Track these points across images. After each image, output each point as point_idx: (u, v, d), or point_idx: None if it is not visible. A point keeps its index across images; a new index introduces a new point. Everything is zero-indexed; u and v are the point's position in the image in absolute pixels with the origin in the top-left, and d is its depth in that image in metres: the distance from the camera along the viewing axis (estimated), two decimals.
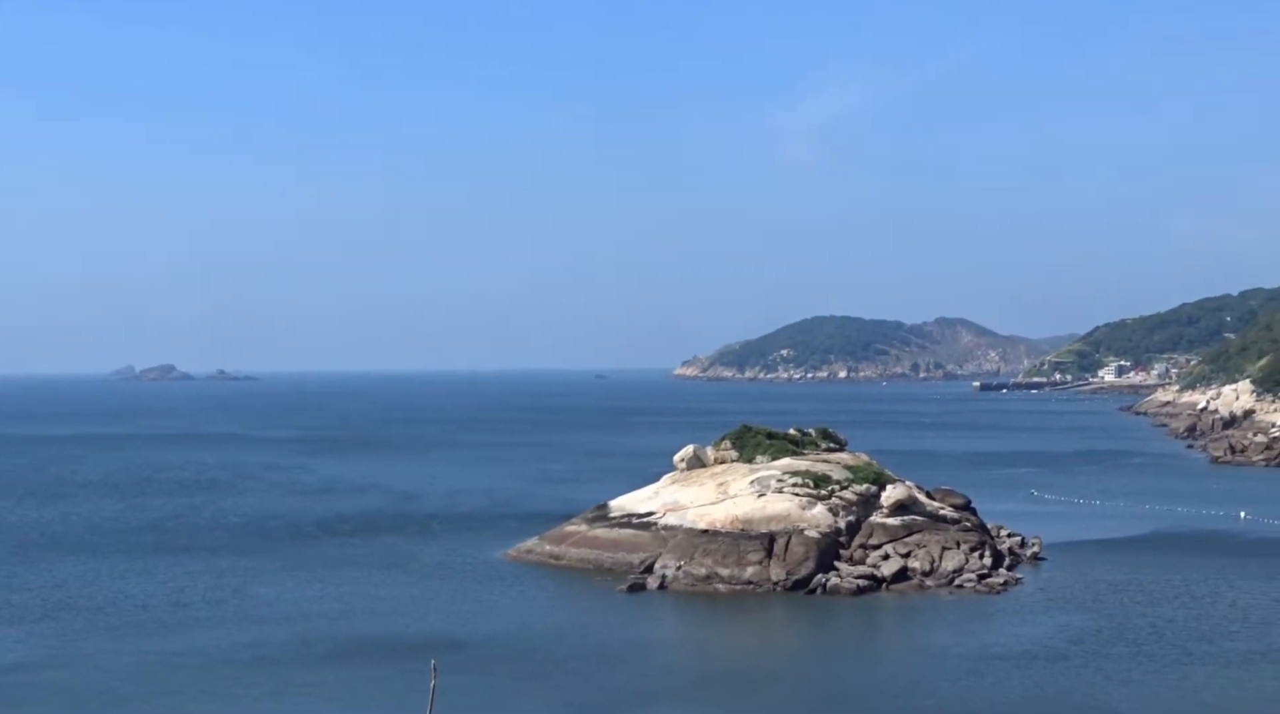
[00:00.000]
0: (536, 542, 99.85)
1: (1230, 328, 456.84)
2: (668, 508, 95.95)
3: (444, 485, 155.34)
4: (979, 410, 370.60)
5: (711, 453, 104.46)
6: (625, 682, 63.86)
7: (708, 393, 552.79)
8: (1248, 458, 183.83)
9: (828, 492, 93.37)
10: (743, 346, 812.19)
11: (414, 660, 64.12)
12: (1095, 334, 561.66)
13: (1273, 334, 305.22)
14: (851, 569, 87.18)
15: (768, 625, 79.99)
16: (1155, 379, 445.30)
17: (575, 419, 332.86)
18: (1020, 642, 70.76)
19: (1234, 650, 68.07)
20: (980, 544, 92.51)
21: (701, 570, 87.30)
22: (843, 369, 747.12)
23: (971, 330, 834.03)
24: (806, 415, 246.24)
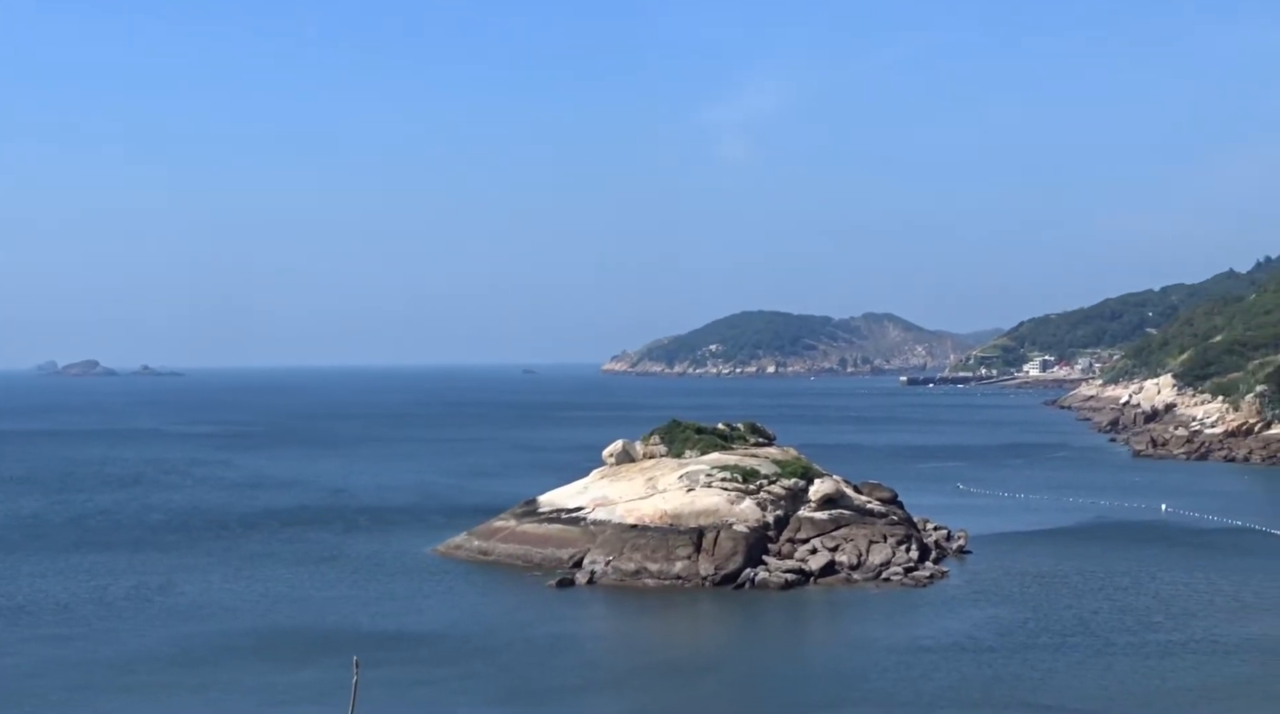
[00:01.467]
0: (465, 537, 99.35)
1: (1152, 323, 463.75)
2: (597, 503, 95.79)
3: (371, 481, 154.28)
4: (906, 405, 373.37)
5: (640, 448, 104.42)
6: (554, 676, 63.67)
7: (637, 388, 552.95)
8: (1169, 451, 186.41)
9: (756, 486, 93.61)
10: (672, 342, 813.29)
11: (340, 657, 63.32)
12: (1020, 329, 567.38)
13: (1193, 329, 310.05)
14: (780, 563, 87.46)
15: (696, 620, 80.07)
16: (1079, 373, 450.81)
17: (504, 414, 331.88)
18: (947, 634, 71.28)
19: (1156, 642, 68.96)
20: (907, 538, 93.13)
21: (630, 565, 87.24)
22: (771, 364, 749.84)
23: (899, 325, 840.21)
24: (735, 410, 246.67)
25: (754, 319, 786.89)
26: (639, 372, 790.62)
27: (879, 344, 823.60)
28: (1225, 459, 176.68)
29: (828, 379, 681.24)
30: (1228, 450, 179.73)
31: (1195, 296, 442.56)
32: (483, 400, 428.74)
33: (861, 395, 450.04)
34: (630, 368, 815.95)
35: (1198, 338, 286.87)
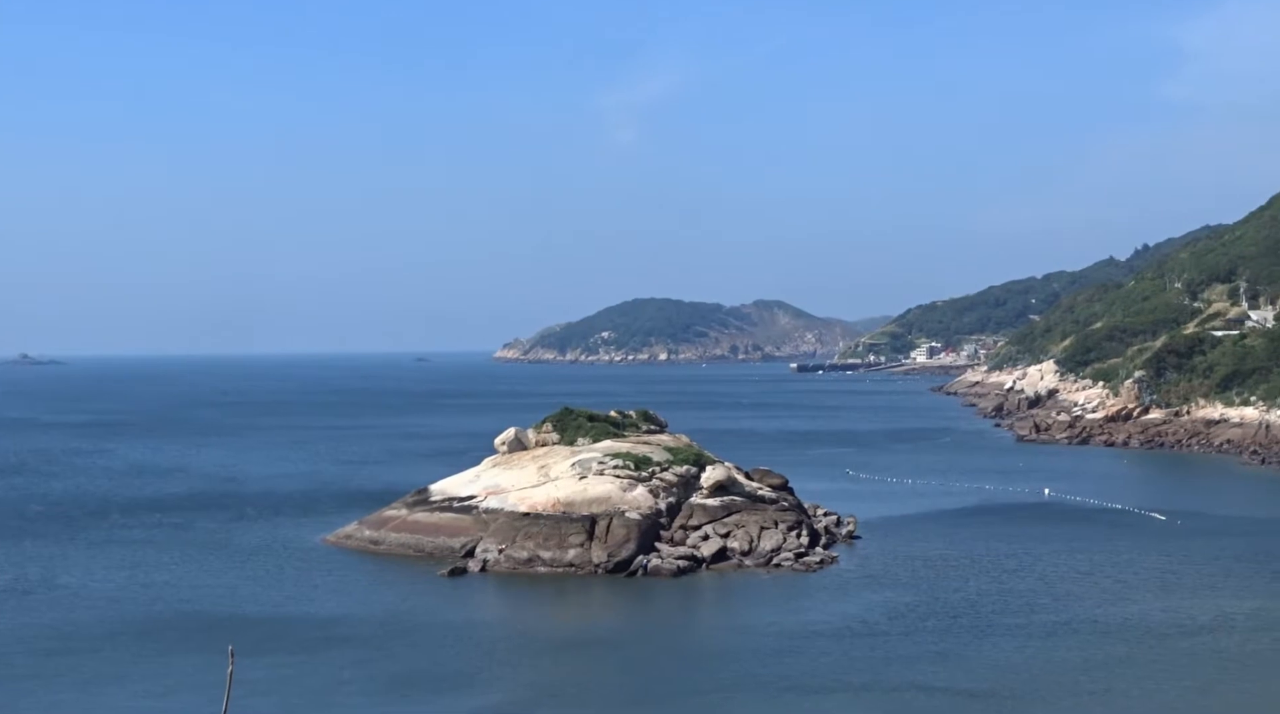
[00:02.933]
0: (356, 527, 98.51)
1: (1035, 310, 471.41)
2: (489, 491, 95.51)
3: (260, 469, 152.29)
4: (796, 391, 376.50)
5: (533, 435, 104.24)
6: (444, 663, 63.50)
7: (529, 375, 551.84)
8: (1051, 436, 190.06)
9: (648, 473, 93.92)
10: (564, 329, 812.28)
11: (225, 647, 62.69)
12: (908, 316, 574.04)
13: (1074, 316, 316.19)
14: (672, 550, 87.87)
15: (588, 607, 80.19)
16: (965, 360, 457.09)
17: (395, 402, 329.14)
18: (837, 618, 72.14)
19: (1041, 623, 70.39)
20: (797, 523, 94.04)
21: (523, 553, 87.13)
22: (663, 351, 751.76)
23: (789, 312, 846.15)
24: (627, 397, 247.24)
25: (646, 306, 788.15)
26: (531, 359, 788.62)
27: (770, 331, 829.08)
28: (1105, 443, 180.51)
29: (719, 366, 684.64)
30: (1108, 435, 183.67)
31: (1076, 284, 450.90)
32: (374, 388, 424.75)
33: (752, 382, 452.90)
34: (522, 356, 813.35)
35: (1079, 325, 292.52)
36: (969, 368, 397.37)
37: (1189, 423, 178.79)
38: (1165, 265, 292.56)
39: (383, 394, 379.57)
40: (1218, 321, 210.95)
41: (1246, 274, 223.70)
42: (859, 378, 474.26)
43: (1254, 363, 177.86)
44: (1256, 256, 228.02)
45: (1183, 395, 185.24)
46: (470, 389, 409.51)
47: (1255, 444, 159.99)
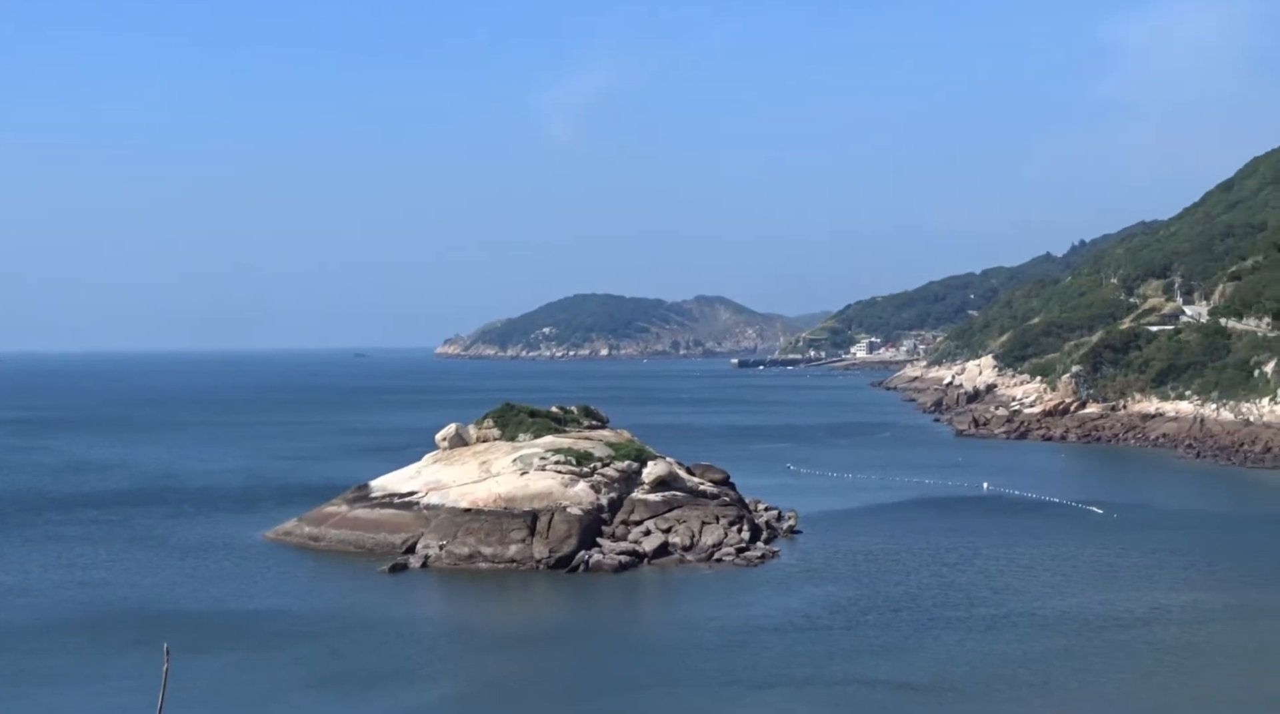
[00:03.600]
0: (296, 523, 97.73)
1: (974, 305, 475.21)
2: (430, 487, 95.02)
3: (198, 466, 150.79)
4: (737, 386, 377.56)
5: (474, 431, 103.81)
6: (384, 659, 63.12)
7: (470, 371, 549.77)
8: (990, 431, 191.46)
9: (590, 469, 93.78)
10: (505, 325, 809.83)
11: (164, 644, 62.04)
12: (848, 312, 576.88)
13: (1012, 311, 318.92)
14: (614, 545, 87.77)
15: (530, 602, 80.00)
16: (904, 355, 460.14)
17: (335, 398, 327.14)
18: (779, 612, 72.31)
19: (980, 616, 70.88)
20: (739, 518, 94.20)
21: (464, 549, 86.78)
22: (605, 347, 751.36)
23: (730, 308, 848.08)
24: (569, 393, 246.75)
25: (587, 302, 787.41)
26: (472, 355, 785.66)
27: (711, 327, 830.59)
28: (1043, 438, 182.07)
29: (660, 361, 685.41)
30: (1045, 429, 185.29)
31: (1014, 280, 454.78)
32: (314, 384, 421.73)
33: (693, 377, 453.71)
34: (463, 351, 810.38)
35: (1016, 320, 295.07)
36: (908, 363, 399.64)
37: (1125, 417, 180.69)
38: (1102, 261, 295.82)
39: (322, 390, 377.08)
40: (1153, 317, 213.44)
41: (1181, 270, 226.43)
42: (799, 373, 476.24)
43: (1188, 358, 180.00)
44: (1191, 253, 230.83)
45: (1119, 390, 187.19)
46: (411, 385, 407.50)
47: (1190, 438, 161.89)
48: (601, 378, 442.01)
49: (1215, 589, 77.06)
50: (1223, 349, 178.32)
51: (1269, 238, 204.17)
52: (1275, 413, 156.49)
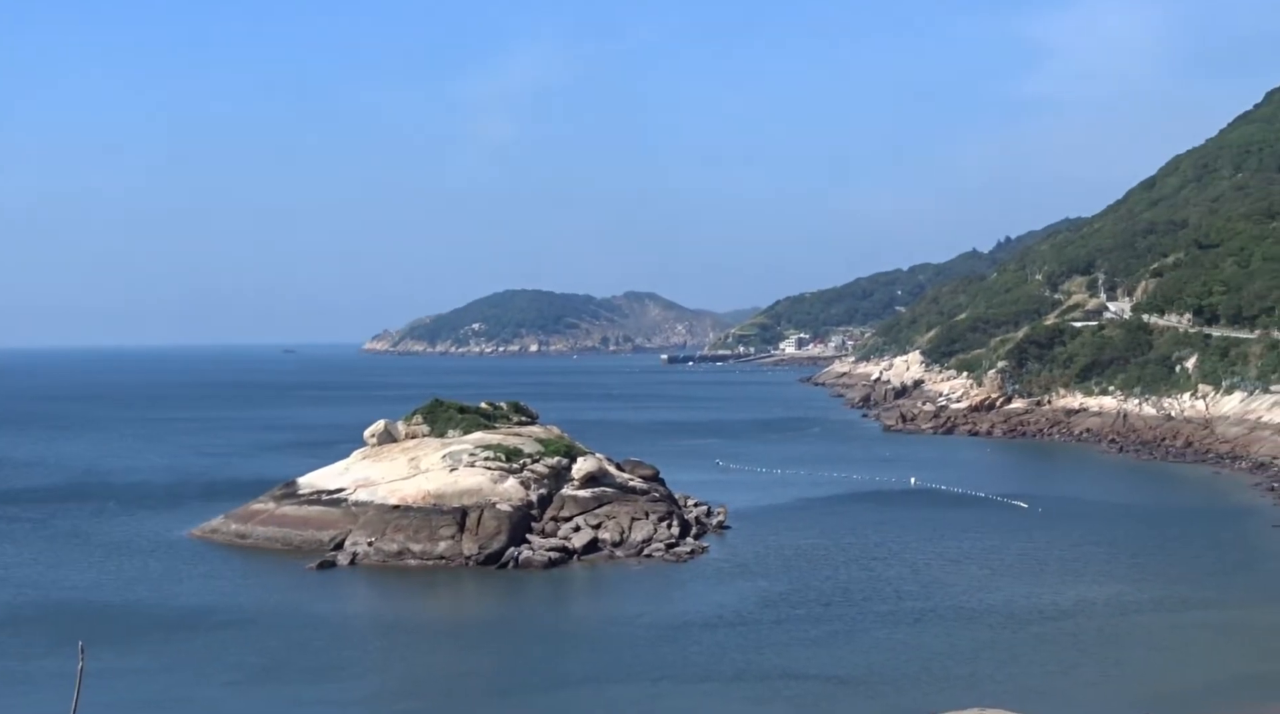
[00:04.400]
0: (222, 520, 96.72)
1: (901, 301, 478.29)
2: (358, 484, 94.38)
3: (123, 462, 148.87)
4: (666, 382, 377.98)
5: (403, 428, 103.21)
6: (310, 656, 62.71)
7: (399, 367, 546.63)
8: (917, 426, 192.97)
9: (519, 465, 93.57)
10: (434, 321, 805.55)
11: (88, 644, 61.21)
12: (777, 307, 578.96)
13: (939, 307, 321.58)
14: (543, 541, 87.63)
15: (459, 599, 79.72)
16: (833, 351, 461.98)
17: (263, 394, 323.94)
18: (709, 607, 72.47)
19: (909, 609, 71.45)
20: (668, 514, 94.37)
21: (393, 546, 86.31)
22: (534, 343, 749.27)
23: (660, 304, 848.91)
24: (498, 389, 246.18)
25: (517, 298, 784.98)
26: (401, 351, 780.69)
27: (640, 323, 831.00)
28: (970, 433, 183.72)
29: (590, 357, 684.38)
30: (972, 424, 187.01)
31: (941, 276, 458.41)
32: (241, 380, 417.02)
33: (623, 373, 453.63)
34: (392, 347, 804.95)
35: (943, 316, 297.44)
36: (837, 359, 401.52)
37: (1050, 412, 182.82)
38: (1026, 257, 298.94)
39: (248, 386, 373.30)
40: (1077, 313, 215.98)
41: (1104, 266, 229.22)
42: (729, 369, 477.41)
43: (1112, 353, 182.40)
44: (1114, 249, 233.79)
45: (1044, 385, 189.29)
46: (339, 381, 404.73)
47: (1113, 432, 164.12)
48: (531, 374, 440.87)
49: (1138, 582, 78.13)
50: (1145, 345, 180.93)
51: (1190, 235, 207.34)
52: (1195, 408, 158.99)
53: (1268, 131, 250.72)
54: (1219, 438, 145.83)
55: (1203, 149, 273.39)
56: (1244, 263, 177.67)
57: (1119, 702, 52.52)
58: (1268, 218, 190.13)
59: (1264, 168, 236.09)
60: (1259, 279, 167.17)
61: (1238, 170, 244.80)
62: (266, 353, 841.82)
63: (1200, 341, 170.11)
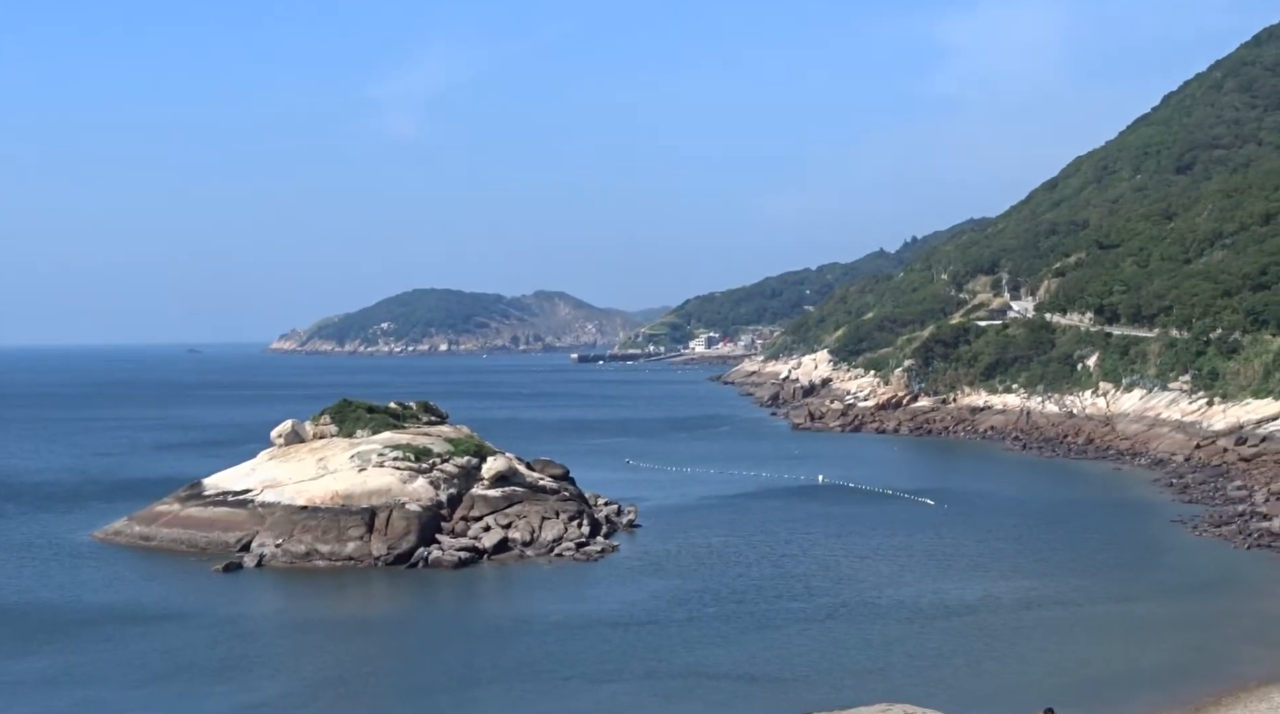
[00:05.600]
0: (126, 522, 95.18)
1: (809, 301, 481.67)
2: (265, 485, 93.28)
3: (21, 463, 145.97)
4: (577, 381, 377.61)
5: (310, 428, 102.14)
6: (215, 658, 61.99)
7: (306, 367, 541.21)
8: (825, 424, 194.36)
9: (429, 465, 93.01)
10: (342, 320, 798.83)
11: None
12: (687, 306, 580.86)
13: (847, 307, 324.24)
14: (453, 541, 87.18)
15: (368, 600, 79.03)
16: (742, 350, 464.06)
17: (167, 394, 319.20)
18: (619, 606, 72.50)
19: (820, 606, 71.94)
20: (579, 513, 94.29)
21: (301, 547, 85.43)
22: (444, 342, 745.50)
23: (570, 303, 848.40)
24: (407, 389, 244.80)
25: (426, 297, 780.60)
26: (309, 350, 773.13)
27: (550, 321, 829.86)
28: (877, 431, 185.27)
29: (500, 356, 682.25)
30: (879, 422, 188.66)
31: (849, 275, 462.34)
32: (145, 380, 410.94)
33: (533, 372, 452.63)
34: (300, 347, 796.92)
35: (851, 315, 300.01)
36: (746, 358, 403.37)
37: (955, 410, 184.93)
38: (932, 257, 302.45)
39: (153, 385, 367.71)
40: (982, 312, 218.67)
41: (1008, 266, 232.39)
42: (639, 368, 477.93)
43: (1015, 352, 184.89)
44: (1017, 249, 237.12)
45: (949, 383, 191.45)
46: (245, 380, 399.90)
47: (1017, 430, 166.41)
48: (440, 373, 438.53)
49: (1043, 577, 79.29)
50: (1047, 344, 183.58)
51: (1091, 235, 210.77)
52: (1096, 405, 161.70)
53: (1165, 134, 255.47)
54: (1119, 435, 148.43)
55: (1103, 151, 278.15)
56: (1143, 263, 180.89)
57: (1025, 695, 53.17)
58: (1165, 219, 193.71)
59: (1162, 169, 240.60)
60: (1157, 279, 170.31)
61: (1136, 172, 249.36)
62: (171, 353, 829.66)
63: (1101, 340, 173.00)
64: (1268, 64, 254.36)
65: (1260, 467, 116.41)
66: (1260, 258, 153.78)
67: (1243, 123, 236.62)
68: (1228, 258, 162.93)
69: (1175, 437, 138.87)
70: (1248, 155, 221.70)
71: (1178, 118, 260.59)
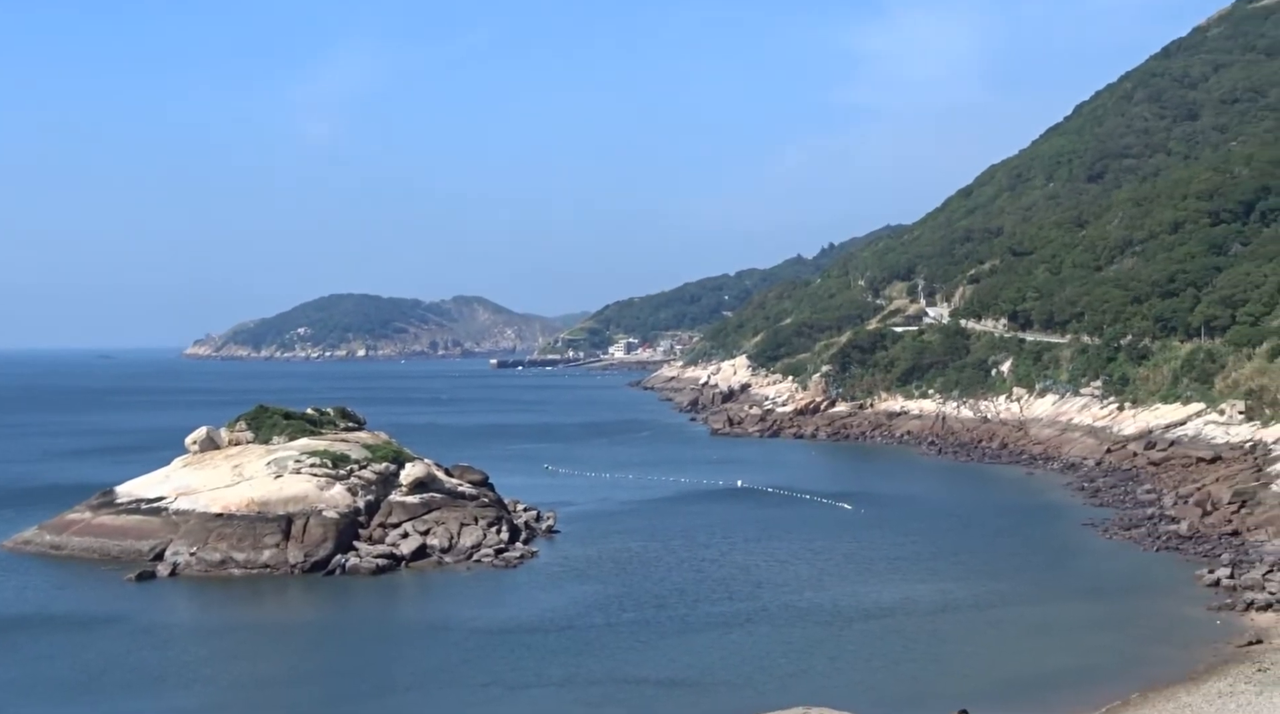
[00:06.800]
0: (36, 531, 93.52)
1: (728, 306, 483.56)
2: (179, 492, 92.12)
3: None
4: (496, 387, 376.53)
5: (226, 434, 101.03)
6: (134, 666, 61.33)
7: (222, 372, 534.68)
8: (744, 429, 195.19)
9: (346, 471, 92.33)
10: (259, 325, 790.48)
11: None
12: (606, 312, 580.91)
13: (765, 312, 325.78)
14: (371, 549, 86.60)
15: (284, 608, 78.30)
16: (661, 355, 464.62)
17: (79, 400, 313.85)
18: (538, 612, 72.38)
19: (740, 610, 72.26)
20: (497, 519, 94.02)
21: (216, 555, 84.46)
22: (362, 347, 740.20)
23: (489, 308, 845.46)
24: (325, 394, 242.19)
25: (343, 302, 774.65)
26: (224, 356, 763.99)
27: (469, 327, 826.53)
28: (795, 436, 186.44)
29: (419, 362, 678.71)
30: (797, 427, 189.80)
31: (767, 281, 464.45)
32: (56, 386, 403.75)
33: (452, 378, 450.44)
34: (215, 352, 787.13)
35: (769, 321, 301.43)
36: (665, 363, 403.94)
37: (872, 415, 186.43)
38: (850, 263, 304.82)
39: (67, 392, 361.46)
40: (898, 318, 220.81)
41: (924, 272, 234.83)
42: (558, 373, 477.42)
43: (931, 357, 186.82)
44: (933, 255, 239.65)
45: (866, 389, 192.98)
46: (159, 386, 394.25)
47: (933, 435, 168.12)
48: (358, 379, 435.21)
49: (959, 580, 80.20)
50: (962, 349, 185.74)
51: (1004, 243, 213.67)
52: (1010, 410, 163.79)
53: (1077, 143, 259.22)
54: (1032, 439, 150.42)
55: (1017, 159, 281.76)
56: (1055, 270, 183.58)
57: (941, 696, 53.75)
58: (1077, 226, 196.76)
59: (1074, 178, 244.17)
60: (1069, 285, 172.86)
61: (1049, 180, 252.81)
62: (81, 358, 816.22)
63: (1015, 346, 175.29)
64: (1176, 75, 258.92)
65: (1168, 470, 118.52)
66: (1169, 265, 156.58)
67: (1152, 133, 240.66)
68: (1138, 265, 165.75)
69: (1087, 441, 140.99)
70: (1157, 165, 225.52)
71: (1089, 127, 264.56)
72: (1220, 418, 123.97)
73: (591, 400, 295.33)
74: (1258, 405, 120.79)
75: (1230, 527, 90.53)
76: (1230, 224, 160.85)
